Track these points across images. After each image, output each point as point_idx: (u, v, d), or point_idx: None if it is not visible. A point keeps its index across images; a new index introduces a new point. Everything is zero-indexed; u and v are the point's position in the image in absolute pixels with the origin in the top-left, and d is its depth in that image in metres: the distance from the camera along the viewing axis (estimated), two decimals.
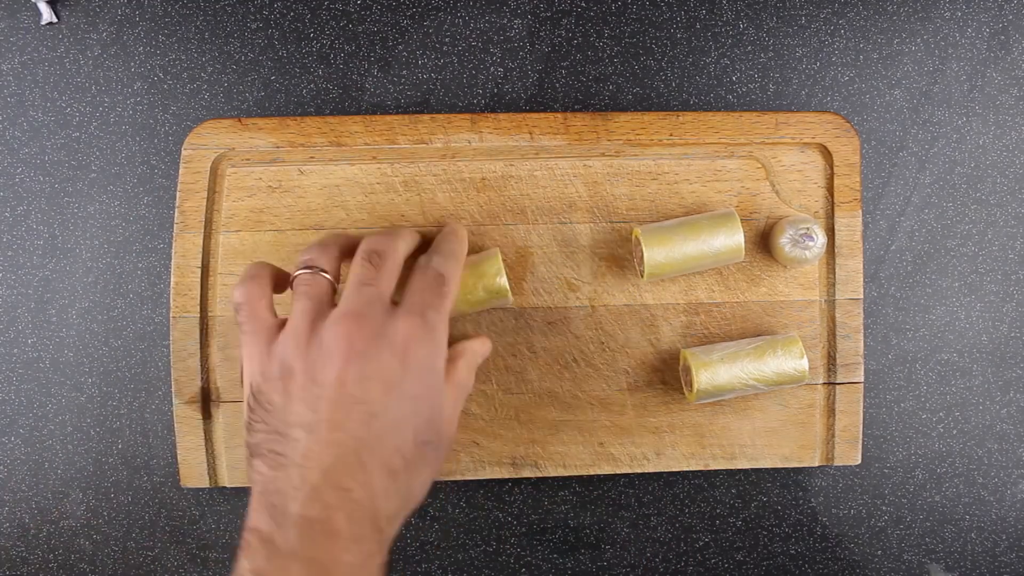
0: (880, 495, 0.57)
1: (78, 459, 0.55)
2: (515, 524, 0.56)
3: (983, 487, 0.57)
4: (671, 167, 0.53)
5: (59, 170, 0.55)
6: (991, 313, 0.57)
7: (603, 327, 0.53)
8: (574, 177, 0.53)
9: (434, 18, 0.56)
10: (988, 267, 0.57)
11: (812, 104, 0.57)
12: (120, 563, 0.56)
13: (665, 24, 0.57)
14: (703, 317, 0.54)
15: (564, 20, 0.56)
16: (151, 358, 0.55)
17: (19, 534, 0.55)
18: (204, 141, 0.52)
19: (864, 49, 0.57)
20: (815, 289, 0.54)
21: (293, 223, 0.53)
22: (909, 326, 0.57)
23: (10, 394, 0.55)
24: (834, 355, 0.53)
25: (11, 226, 0.55)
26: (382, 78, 0.56)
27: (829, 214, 0.53)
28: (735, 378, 0.50)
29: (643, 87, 0.57)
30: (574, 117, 0.53)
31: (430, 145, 0.53)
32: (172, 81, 0.56)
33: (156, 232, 0.55)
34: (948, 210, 0.57)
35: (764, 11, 0.57)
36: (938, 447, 0.57)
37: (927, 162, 0.57)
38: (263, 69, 0.56)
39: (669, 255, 0.49)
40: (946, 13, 0.57)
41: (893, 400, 0.57)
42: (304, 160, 0.53)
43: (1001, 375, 0.57)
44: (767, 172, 0.53)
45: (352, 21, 0.56)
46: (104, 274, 0.55)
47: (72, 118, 0.55)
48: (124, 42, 0.56)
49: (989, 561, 0.57)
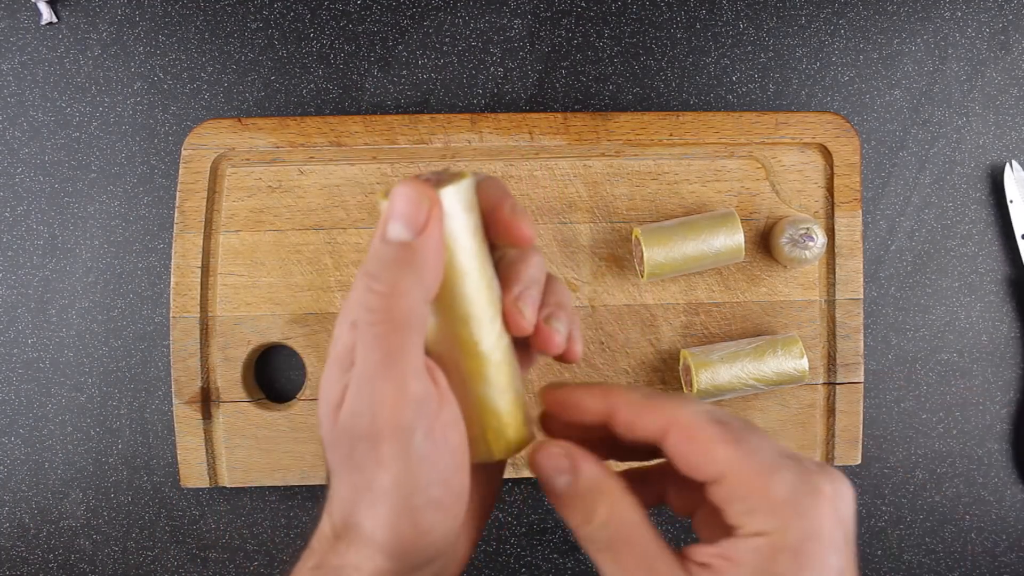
0: (880, 495, 0.57)
1: (78, 459, 0.55)
2: (515, 524, 0.56)
3: (983, 487, 0.57)
4: (671, 167, 0.53)
5: (59, 170, 0.55)
6: (991, 313, 0.57)
7: (603, 327, 0.53)
8: (574, 177, 0.53)
9: (434, 18, 0.56)
10: (988, 267, 0.57)
11: (812, 104, 0.57)
12: (120, 563, 0.56)
13: (665, 24, 0.57)
14: (703, 317, 0.54)
15: (564, 20, 0.56)
16: (151, 358, 0.55)
17: (19, 534, 0.55)
18: (204, 141, 0.52)
19: (864, 49, 0.57)
20: (815, 289, 0.54)
21: (293, 223, 0.53)
22: (909, 326, 0.57)
23: (10, 394, 0.55)
24: (834, 355, 0.53)
25: (11, 226, 0.55)
26: (382, 78, 0.56)
27: (829, 214, 0.53)
28: (735, 378, 0.50)
29: (643, 87, 0.57)
30: (574, 117, 0.53)
31: (430, 145, 0.53)
32: (172, 81, 0.56)
33: (156, 232, 0.55)
34: (948, 210, 0.57)
35: (764, 11, 0.57)
36: (938, 447, 0.57)
37: (927, 162, 0.57)
38: (263, 69, 0.56)
39: (669, 255, 0.49)
40: (946, 13, 0.57)
41: (893, 400, 0.57)
42: (304, 160, 0.53)
43: (1001, 375, 0.57)
44: (767, 172, 0.53)
45: (352, 21, 0.56)
46: (104, 274, 0.55)
47: (72, 118, 0.55)
48: (124, 42, 0.56)
49: (989, 561, 0.57)
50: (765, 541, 0.25)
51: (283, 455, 0.53)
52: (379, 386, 0.25)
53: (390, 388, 0.25)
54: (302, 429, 0.53)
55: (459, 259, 0.26)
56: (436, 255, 0.26)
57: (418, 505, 0.26)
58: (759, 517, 0.25)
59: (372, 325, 0.25)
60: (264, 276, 0.53)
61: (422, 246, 0.25)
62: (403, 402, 0.25)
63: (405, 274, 0.25)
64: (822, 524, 0.25)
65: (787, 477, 0.25)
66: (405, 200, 0.25)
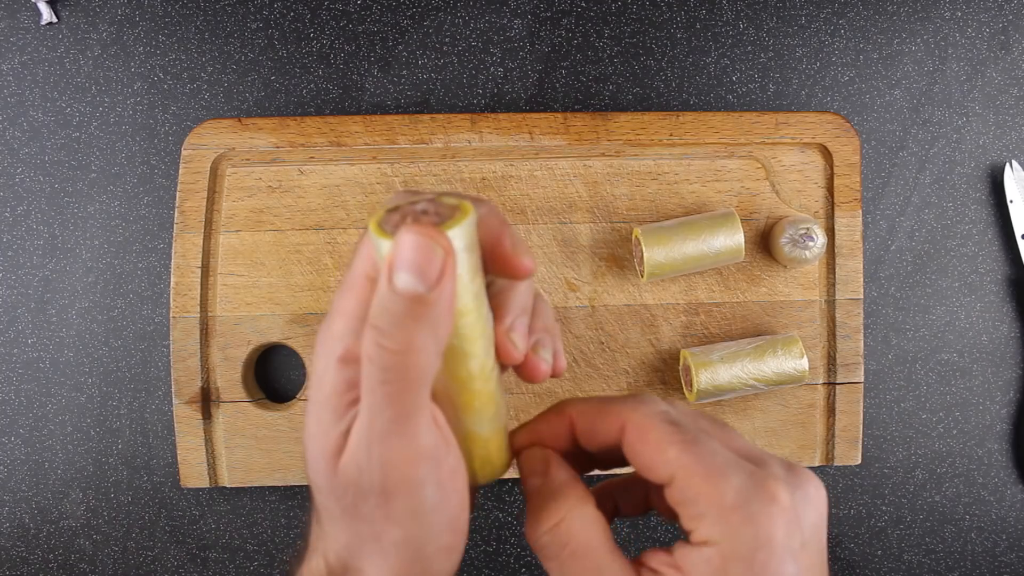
0: (880, 495, 0.57)
1: (78, 459, 0.55)
2: (515, 524, 0.56)
3: (983, 487, 0.57)
4: (671, 167, 0.53)
5: (59, 170, 0.55)
6: (991, 313, 0.57)
7: (603, 327, 0.53)
8: (574, 177, 0.53)
9: (434, 18, 0.56)
10: (988, 267, 0.57)
11: (812, 104, 0.57)
12: (120, 563, 0.56)
13: (665, 24, 0.57)
14: (703, 317, 0.54)
15: (564, 20, 0.56)
16: (151, 358, 0.55)
17: (19, 534, 0.55)
18: (204, 141, 0.52)
19: (864, 49, 0.57)
20: (815, 289, 0.54)
21: (293, 223, 0.53)
22: (909, 326, 0.57)
23: (10, 394, 0.55)
24: (834, 355, 0.53)
25: (11, 226, 0.55)
26: (382, 78, 0.56)
27: (829, 214, 0.53)
28: (735, 378, 0.50)
29: (643, 87, 0.57)
30: (574, 117, 0.53)
31: (430, 145, 0.53)
32: (172, 81, 0.56)
33: (156, 232, 0.55)
34: (948, 210, 0.57)
35: (764, 11, 0.57)
36: (938, 447, 0.57)
37: (927, 162, 0.57)
38: (263, 69, 0.56)
39: (669, 255, 0.49)
40: (946, 13, 0.57)
41: (893, 400, 0.57)
42: (304, 160, 0.53)
43: (1001, 375, 0.57)
44: (767, 172, 0.53)
45: (352, 21, 0.56)
46: (104, 274, 0.55)
47: (72, 118, 0.55)
48: (124, 42, 0.56)
49: (989, 561, 0.57)
50: (715, 551, 0.24)
51: (283, 455, 0.53)
52: (393, 444, 0.24)
53: (404, 446, 0.24)
54: (302, 429, 0.53)
55: (461, 300, 0.25)
56: (450, 307, 0.24)
57: (429, 554, 0.26)
58: (708, 523, 0.24)
59: (384, 384, 0.24)
60: (264, 276, 0.53)
61: (437, 299, 0.23)
62: (417, 459, 0.24)
63: (419, 329, 0.23)
64: (773, 531, 0.24)
65: (738, 482, 0.24)
66: (415, 250, 0.23)
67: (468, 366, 0.26)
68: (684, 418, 0.27)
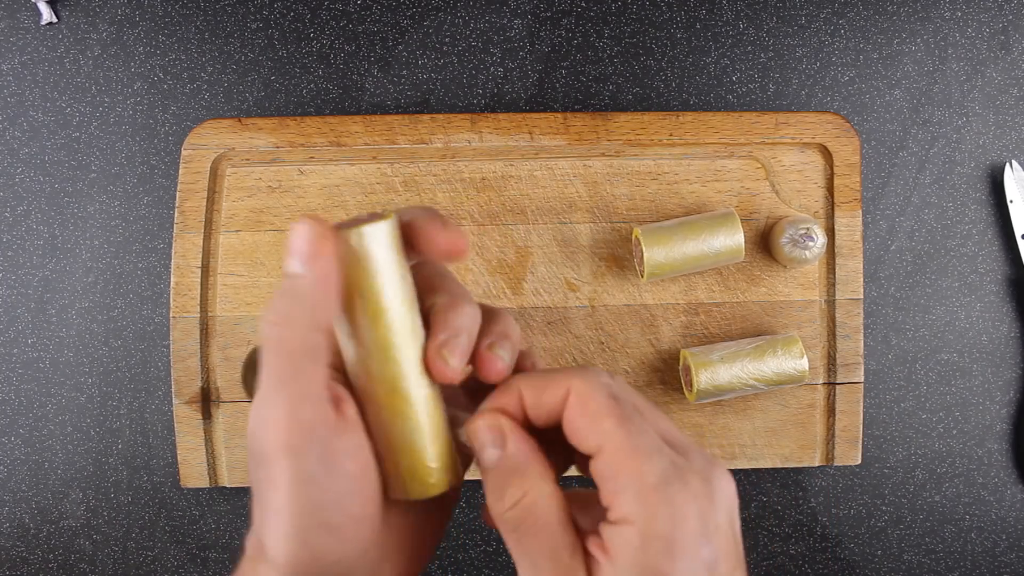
0: (880, 495, 0.57)
1: (78, 459, 0.55)
2: None
3: (983, 487, 0.57)
4: (671, 167, 0.53)
5: (59, 170, 0.55)
6: (991, 313, 0.57)
7: (603, 327, 0.53)
8: (574, 177, 0.53)
9: (434, 18, 0.56)
10: (988, 267, 0.57)
11: (812, 104, 0.57)
12: (120, 563, 0.56)
13: (665, 24, 0.57)
14: (703, 317, 0.54)
15: (564, 20, 0.56)
16: (151, 358, 0.55)
17: (19, 534, 0.55)
18: (204, 141, 0.52)
19: (864, 49, 0.57)
20: (815, 289, 0.54)
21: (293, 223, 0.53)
22: (909, 326, 0.57)
23: (10, 394, 0.55)
24: (834, 355, 0.53)
25: (11, 226, 0.55)
26: (382, 78, 0.56)
27: (829, 214, 0.53)
28: (735, 378, 0.50)
29: (643, 87, 0.57)
30: (574, 117, 0.53)
31: (430, 145, 0.53)
32: (172, 81, 0.56)
33: (156, 232, 0.55)
34: (948, 210, 0.57)
35: (764, 11, 0.57)
36: (938, 447, 0.57)
37: (927, 162, 0.57)
38: (263, 69, 0.56)
39: (669, 255, 0.49)
40: (946, 13, 0.57)
41: (893, 400, 0.57)
42: (304, 160, 0.53)
43: (1001, 375, 0.57)
44: (767, 172, 0.53)
45: (352, 21, 0.56)
46: (104, 274, 0.55)
47: (72, 118, 0.55)
48: (124, 42, 0.56)
49: (989, 561, 0.57)
50: (634, 531, 0.25)
51: None
52: (270, 409, 0.26)
53: (280, 412, 0.26)
54: None
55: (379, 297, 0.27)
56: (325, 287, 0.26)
57: (309, 526, 0.26)
58: (626, 499, 0.25)
59: (266, 352, 0.26)
60: (264, 276, 0.53)
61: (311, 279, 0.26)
62: (292, 426, 0.26)
63: (295, 304, 0.26)
64: (688, 513, 0.25)
65: (659, 465, 0.25)
66: (298, 236, 0.26)
67: (392, 369, 0.27)
68: (623, 394, 0.28)
